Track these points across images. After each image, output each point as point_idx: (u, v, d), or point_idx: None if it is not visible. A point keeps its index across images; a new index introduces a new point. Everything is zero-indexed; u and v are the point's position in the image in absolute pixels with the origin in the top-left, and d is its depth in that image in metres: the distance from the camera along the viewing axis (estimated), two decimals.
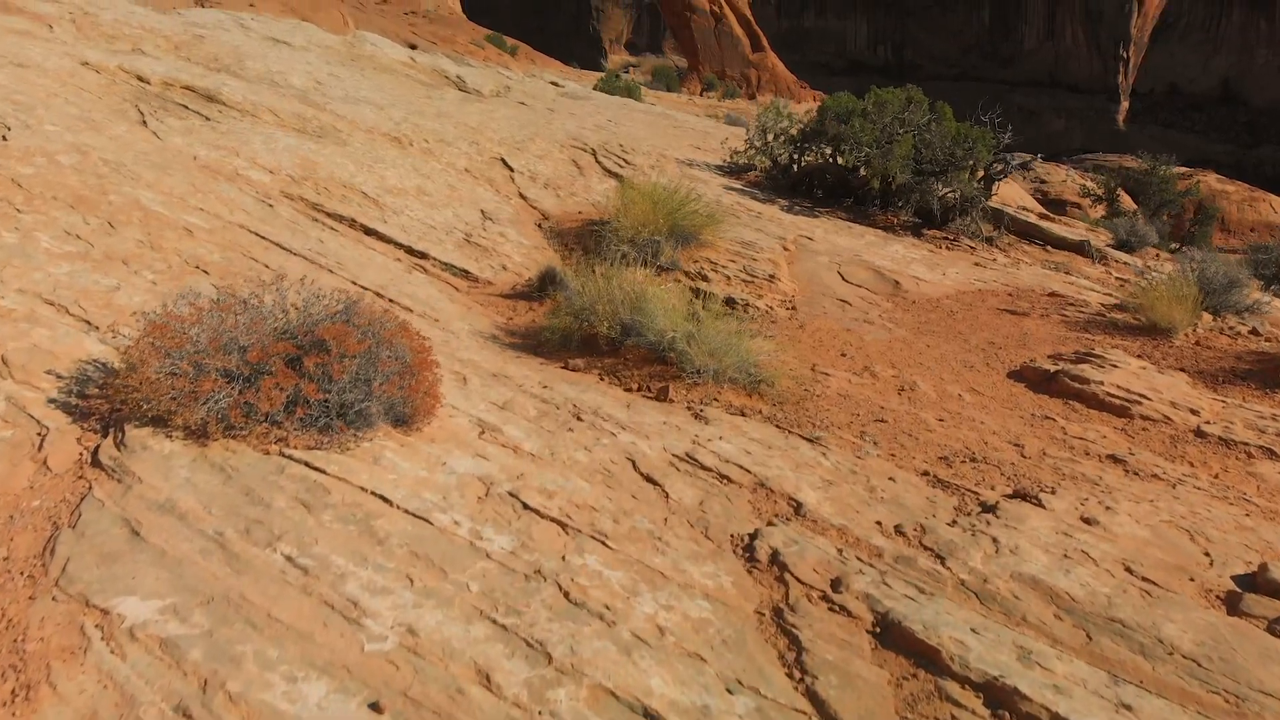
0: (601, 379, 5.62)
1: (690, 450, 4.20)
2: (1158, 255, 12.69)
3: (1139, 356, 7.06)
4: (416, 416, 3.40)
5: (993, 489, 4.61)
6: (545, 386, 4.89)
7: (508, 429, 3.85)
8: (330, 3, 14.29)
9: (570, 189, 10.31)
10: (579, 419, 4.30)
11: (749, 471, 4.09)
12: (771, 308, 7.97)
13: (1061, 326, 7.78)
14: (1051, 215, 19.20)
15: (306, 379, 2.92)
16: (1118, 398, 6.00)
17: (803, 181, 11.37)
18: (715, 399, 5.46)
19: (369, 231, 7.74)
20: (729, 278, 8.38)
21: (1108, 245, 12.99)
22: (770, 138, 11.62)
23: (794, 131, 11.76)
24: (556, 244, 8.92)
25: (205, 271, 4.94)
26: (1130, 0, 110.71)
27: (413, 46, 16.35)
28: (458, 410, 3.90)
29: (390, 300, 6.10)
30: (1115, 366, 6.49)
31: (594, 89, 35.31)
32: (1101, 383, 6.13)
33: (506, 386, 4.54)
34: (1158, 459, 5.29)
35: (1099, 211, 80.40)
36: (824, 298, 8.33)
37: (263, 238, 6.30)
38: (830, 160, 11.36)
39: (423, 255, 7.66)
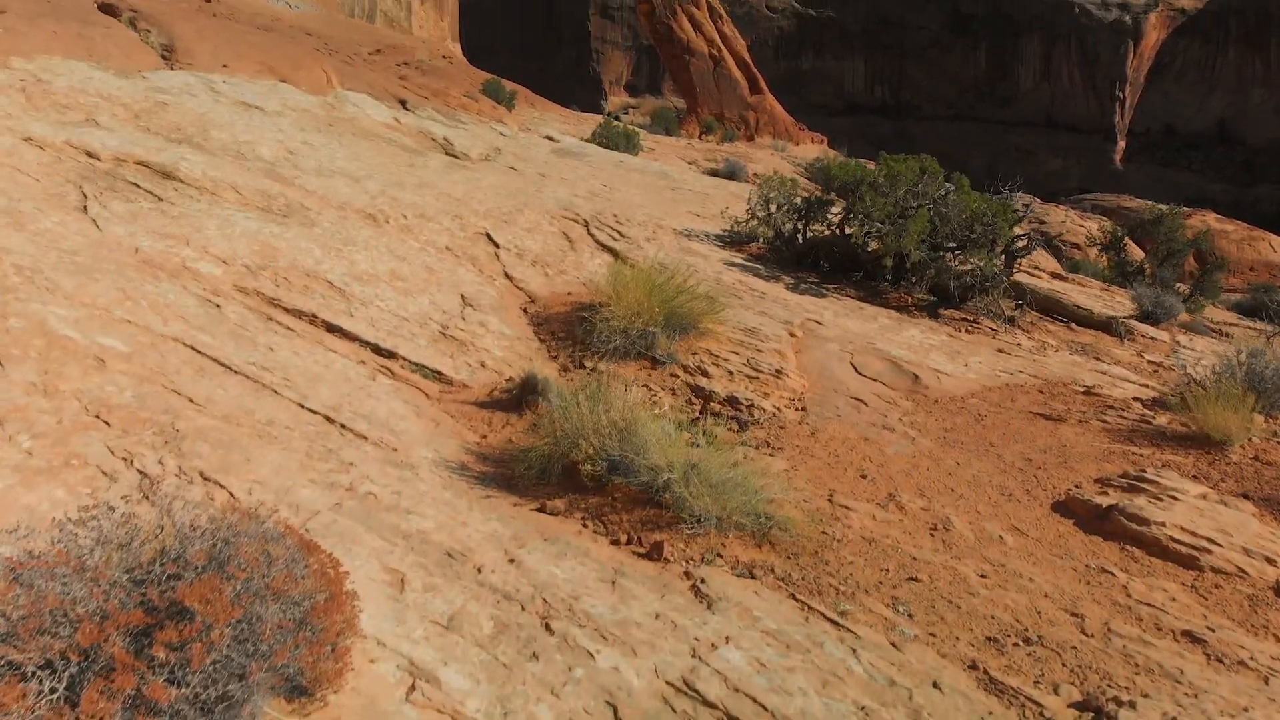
0: (585, 526, 4.78)
1: (689, 674, 3.33)
2: (1186, 331, 11.89)
3: (1194, 478, 6.22)
4: (321, 682, 2.57)
5: (1055, 691, 3.76)
6: (511, 560, 4.05)
7: (448, 675, 2.99)
8: (313, 59, 13.67)
9: (560, 266, 9.54)
10: (548, 629, 3.44)
11: (765, 709, 3.22)
12: (779, 409, 7.15)
13: (1103, 435, 6.95)
14: (1065, 274, 18.48)
15: (154, 670, 2.11)
16: (1183, 544, 5.15)
17: (808, 254, 10.61)
18: (719, 554, 4.62)
19: (332, 328, 6.94)
20: (731, 373, 7.57)
21: (1132, 318, 12.22)
22: (773, 208, 10.87)
23: (798, 200, 11.02)
24: (543, 332, 8.13)
25: (106, 423, 4.11)
26: (1126, 41, 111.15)
27: (402, 102, 15.67)
28: (383, 648, 3.04)
29: (342, 426, 5.28)
30: (1174, 498, 5.65)
31: (592, 134, 34.76)
32: (1163, 524, 5.29)
33: (459, 583, 3.68)
34: (1240, 633, 4.44)
35: (1101, 257, 79.97)
36: (837, 395, 7.51)
37: (198, 352, 5.49)
38: (838, 233, 10.61)
39: (391, 354, 6.86)
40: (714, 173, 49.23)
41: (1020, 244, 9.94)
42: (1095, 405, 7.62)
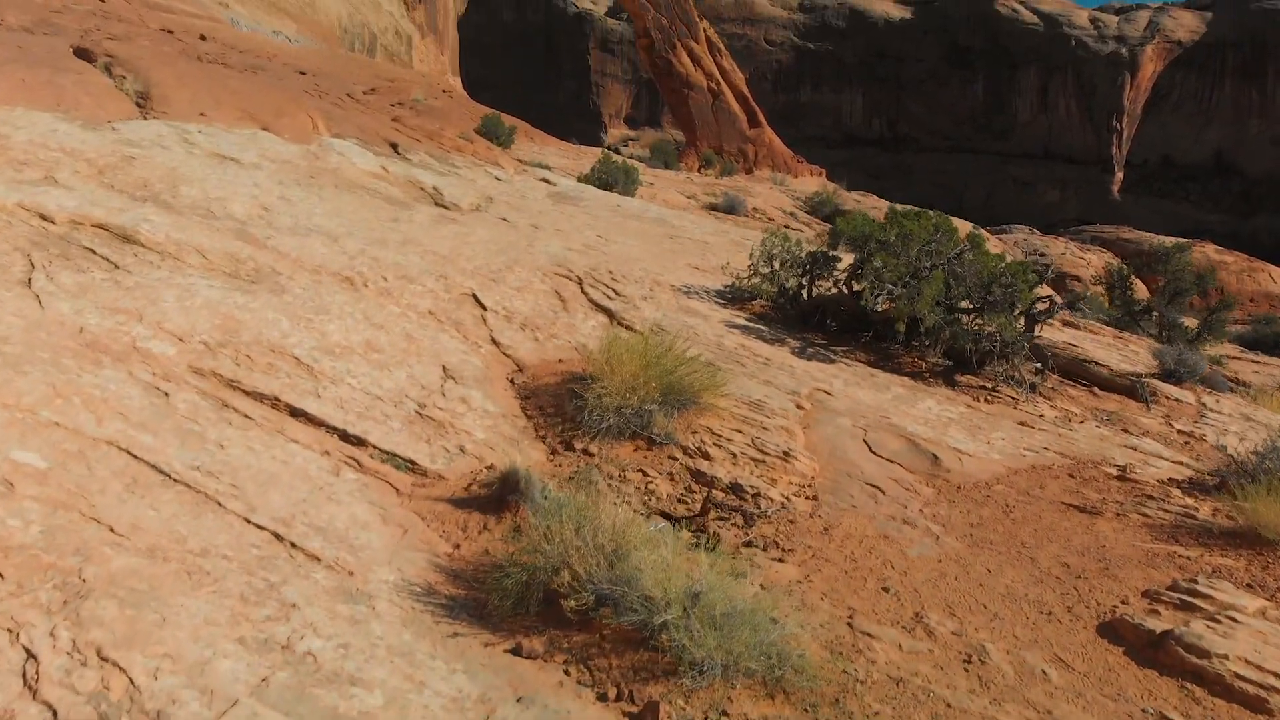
0: (567, 674, 4.10)
1: None
2: (1209, 390, 11.24)
3: (1249, 587, 5.54)
4: None
5: None
6: None
7: None
8: (298, 105, 13.06)
9: (551, 329, 8.91)
10: None
11: None
12: (788, 498, 6.49)
13: (1144, 532, 6.27)
14: (1076, 321, 17.88)
15: None
16: (1249, 682, 4.48)
17: (814, 313, 9.98)
18: (725, 712, 3.95)
19: (296, 413, 6.29)
20: (735, 455, 6.92)
21: (1153, 375, 11.59)
22: (777, 265, 10.26)
23: (803, 255, 10.41)
24: (531, 407, 7.47)
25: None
26: (1122, 73, 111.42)
27: (394, 146, 15.15)
28: None
29: (292, 545, 4.62)
30: (1232, 619, 4.97)
31: (591, 169, 34.33)
32: (1225, 656, 4.61)
33: None
34: None
35: (1101, 290, 79.53)
36: (850, 480, 6.85)
37: (135, 458, 4.84)
38: (845, 290, 9.99)
39: (360, 441, 6.20)
40: (713, 207, 48.97)
41: (1041, 307, 9.31)
42: (1132, 494, 6.95)
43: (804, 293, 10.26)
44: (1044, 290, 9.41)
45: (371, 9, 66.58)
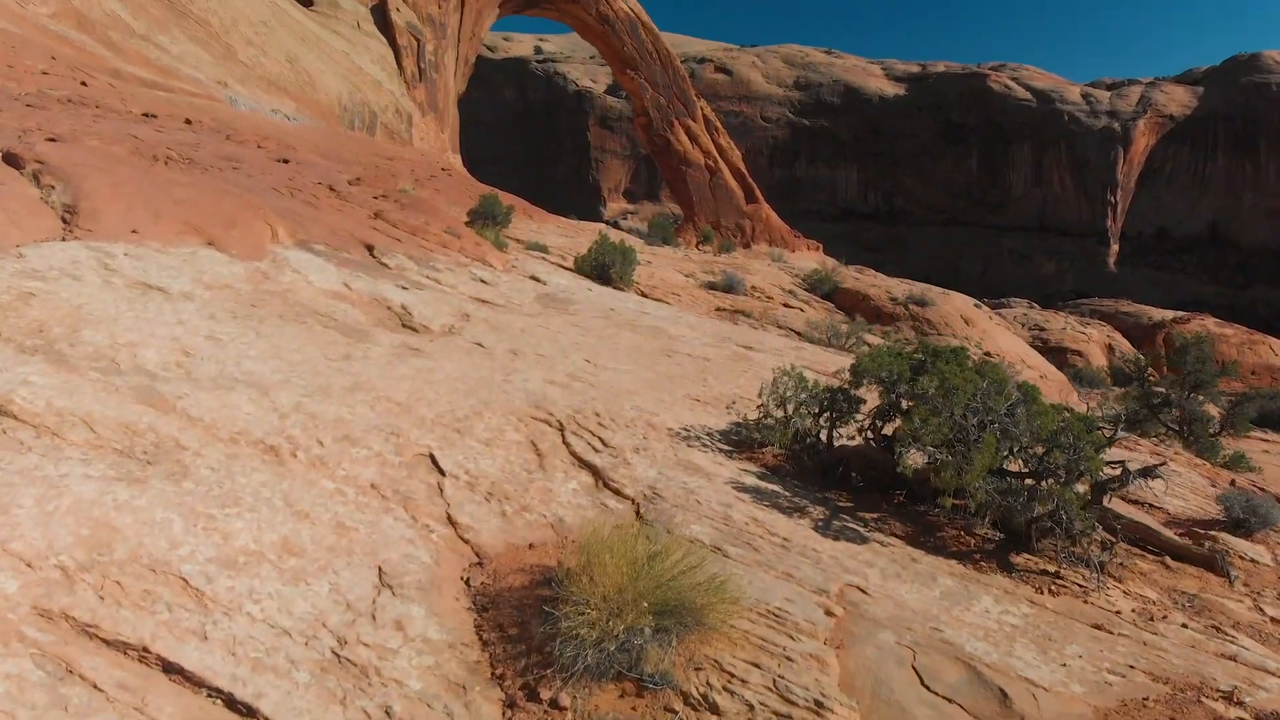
0: None
1: None
2: None
3: None
4: None
5: None
6: None
7: None
8: (257, 210, 11.52)
9: (523, 499, 7.32)
10: None
11: None
12: None
13: None
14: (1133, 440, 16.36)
15: None
16: None
17: (837, 465, 8.41)
18: None
19: (170, 667, 4.69)
20: (751, 706, 5.26)
21: (1218, 522, 9.99)
22: (790, 409, 8.71)
23: (821, 394, 8.88)
24: (488, 626, 5.84)
25: None
26: (1115, 147, 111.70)
27: (369, 248, 13.74)
28: None
29: None
30: None
31: (589, 249, 33.04)
32: None
33: None
34: None
35: (1102, 359, 77.83)
36: None
37: None
38: (872, 439, 8.45)
39: (249, 711, 4.59)
40: (712, 286, 47.77)
41: (1111, 473, 7.73)
42: None
43: (823, 441, 8.70)
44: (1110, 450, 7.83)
45: (372, 88, 66.35)
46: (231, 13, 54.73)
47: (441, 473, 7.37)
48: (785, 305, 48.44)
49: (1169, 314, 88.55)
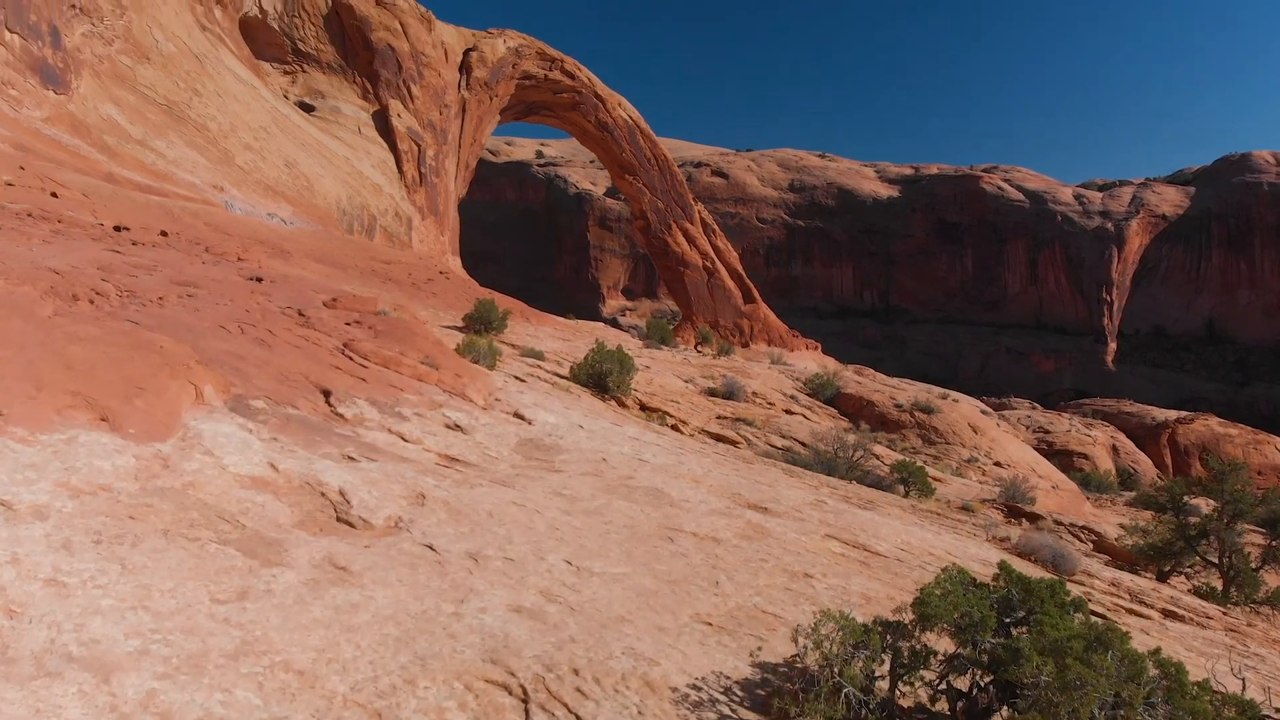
0: None
1: None
2: None
3: None
4: None
5: None
6: None
7: None
8: (174, 368, 9.25)
9: None
10: None
11: None
12: None
13: None
14: (1177, 609, 13.98)
15: None
16: None
17: None
18: None
19: None
20: None
21: None
22: (838, 669, 6.32)
23: (877, 639, 6.51)
24: None
25: None
26: (1109, 246, 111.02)
27: (326, 394, 11.54)
28: None
29: None
30: None
31: (585, 358, 30.89)
32: None
33: None
34: None
35: (1108, 461, 75.01)
36: None
37: None
38: (951, 711, 6.07)
39: None
40: (712, 392, 45.36)
41: None
42: None
43: (879, 696, 6.30)
44: None
45: (372, 191, 65.38)
46: (230, 118, 53.85)
47: None
48: (787, 412, 46.19)
49: (1172, 414, 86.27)
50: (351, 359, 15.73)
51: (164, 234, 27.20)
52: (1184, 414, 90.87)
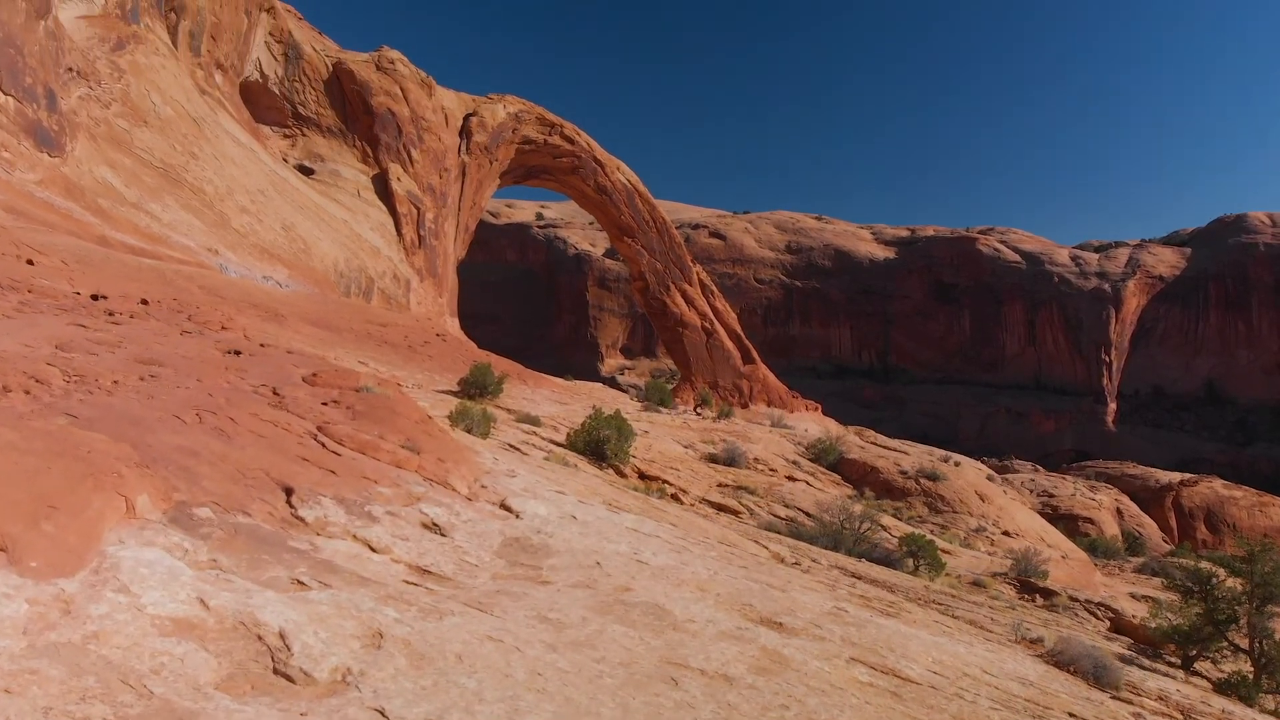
0: None
1: None
2: None
3: None
4: None
5: None
6: None
7: None
8: (102, 476, 8.10)
9: None
10: None
11: None
12: None
13: None
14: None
15: None
16: None
17: None
18: None
19: None
20: None
21: None
22: None
23: None
24: None
25: None
26: (1107, 307, 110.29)
27: (288, 491, 10.07)
28: None
29: None
30: None
31: (582, 424, 29.38)
32: None
33: None
34: None
35: (1114, 525, 72.78)
36: None
37: None
38: None
39: None
40: (713, 459, 43.52)
41: None
42: None
43: None
44: None
45: (370, 254, 64.38)
46: (228, 181, 53.00)
47: None
48: (790, 479, 44.51)
49: (1176, 476, 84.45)
50: (324, 445, 14.26)
51: (144, 302, 25.80)
52: (1188, 476, 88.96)
